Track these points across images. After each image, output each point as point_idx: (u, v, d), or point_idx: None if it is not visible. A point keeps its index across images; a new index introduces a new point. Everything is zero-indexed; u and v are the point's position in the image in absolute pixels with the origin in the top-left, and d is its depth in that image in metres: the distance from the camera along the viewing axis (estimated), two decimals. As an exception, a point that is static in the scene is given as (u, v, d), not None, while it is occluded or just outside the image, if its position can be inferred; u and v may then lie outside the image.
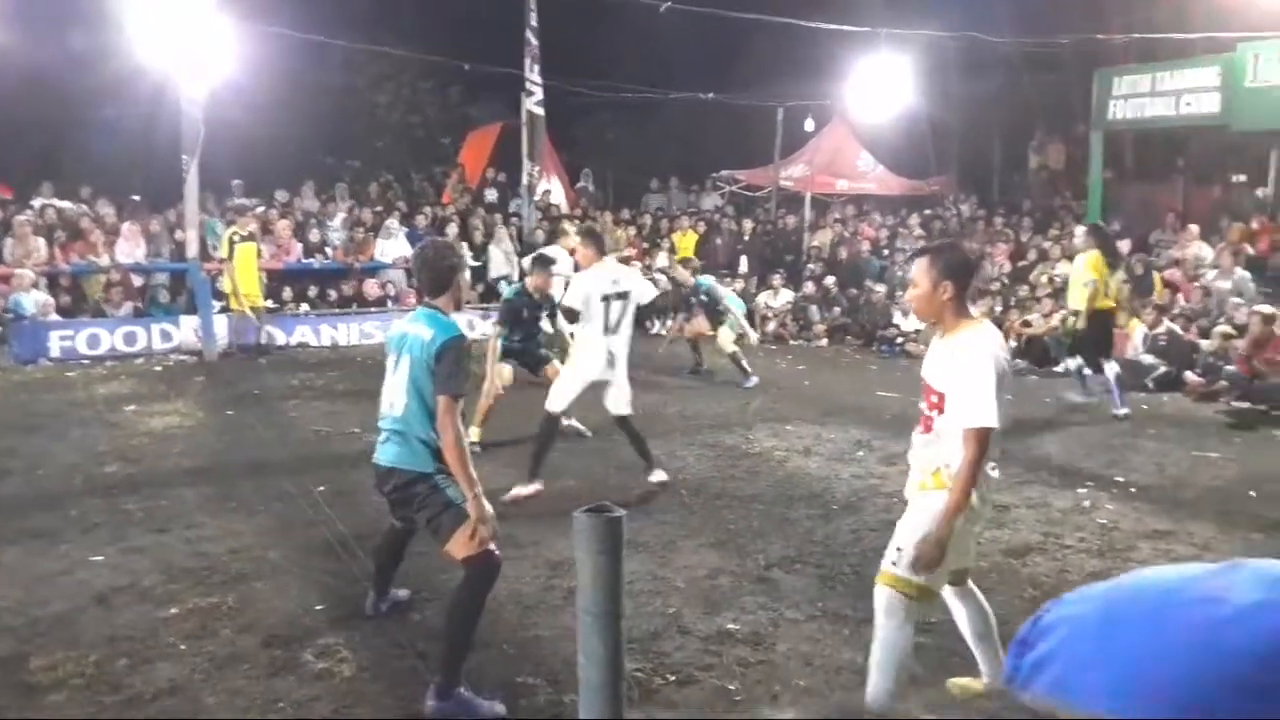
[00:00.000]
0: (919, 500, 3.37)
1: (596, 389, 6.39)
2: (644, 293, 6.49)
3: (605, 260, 6.40)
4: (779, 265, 15.90)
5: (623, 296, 6.23)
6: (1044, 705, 0.70)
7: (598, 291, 6.17)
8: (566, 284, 6.99)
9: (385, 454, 3.85)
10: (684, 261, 13.05)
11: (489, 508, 3.63)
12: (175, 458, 7.38)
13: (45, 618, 4.38)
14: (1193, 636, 0.68)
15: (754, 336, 12.07)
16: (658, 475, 6.47)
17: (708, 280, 11.79)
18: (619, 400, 6.35)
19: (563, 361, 7.38)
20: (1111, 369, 9.08)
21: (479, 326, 12.86)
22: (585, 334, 6.27)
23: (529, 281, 7.71)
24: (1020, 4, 16.64)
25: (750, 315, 15.10)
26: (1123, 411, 8.89)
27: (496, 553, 3.73)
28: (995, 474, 3.42)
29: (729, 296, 11.71)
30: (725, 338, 11.06)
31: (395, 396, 3.80)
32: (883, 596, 3.33)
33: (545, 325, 8.08)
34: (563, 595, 4.63)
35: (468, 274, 4.16)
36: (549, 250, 13.07)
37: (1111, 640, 0.72)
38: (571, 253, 8.42)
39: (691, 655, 4.06)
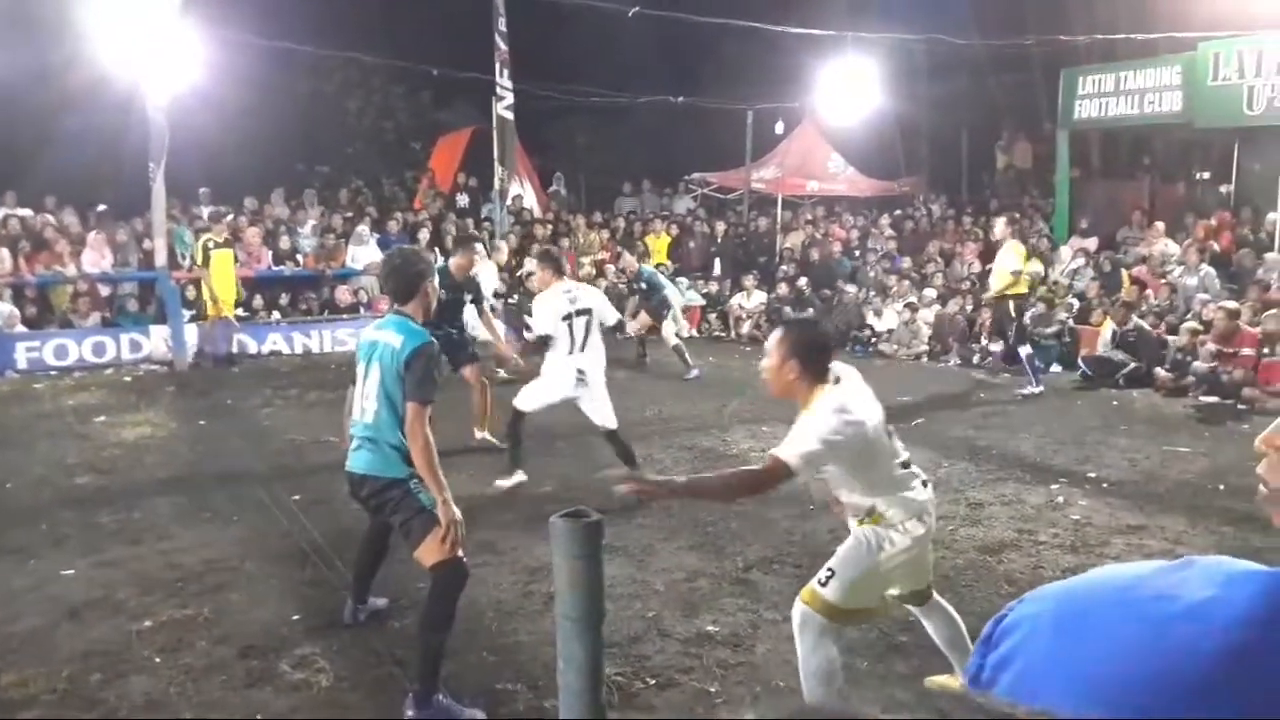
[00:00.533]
0: (854, 530, 3.39)
1: (575, 405, 6.39)
2: (606, 314, 6.47)
3: (562, 280, 6.39)
4: (752, 267, 15.96)
5: (584, 313, 6.23)
6: (1005, 706, 0.71)
7: (559, 311, 6.17)
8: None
9: (357, 461, 3.84)
10: (630, 249, 13.38)
11: (457, 512, 3.64)
12: (148, 469, 7.30)
13: (17, 633, 4.32)
14: (1145, 634, 0.70)
15: (684, 328, 12.64)
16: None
17: (649, 269, 12.14)
18: (602, 416, 6.33)
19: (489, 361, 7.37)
20: (1025, 349, 10.13)
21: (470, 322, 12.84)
22: (552, 355, 6.26)
23: (451, 262, 7.48)
24: (985, 6, 16.85)
25: (724, 316, 15.19)
26: (1037, 390, 9.92)
27: (464, 559, 3.74)
28: (927, 492, 3.41)
29: (668, 287, 12.03)
30: (669, 330, 11.43)
31: (366, 404, 3.79)
32: (798, 613, 3.33)
33: (470, 317, 7.87)
34: (542, 600, 4.62)
35: (436, 280, 4.16)
36: (530, 264, 13.21)
37: (1068, 639, 0.73)
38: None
39: (671, 658, 4.06)
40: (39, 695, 3.76)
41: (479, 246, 7.80)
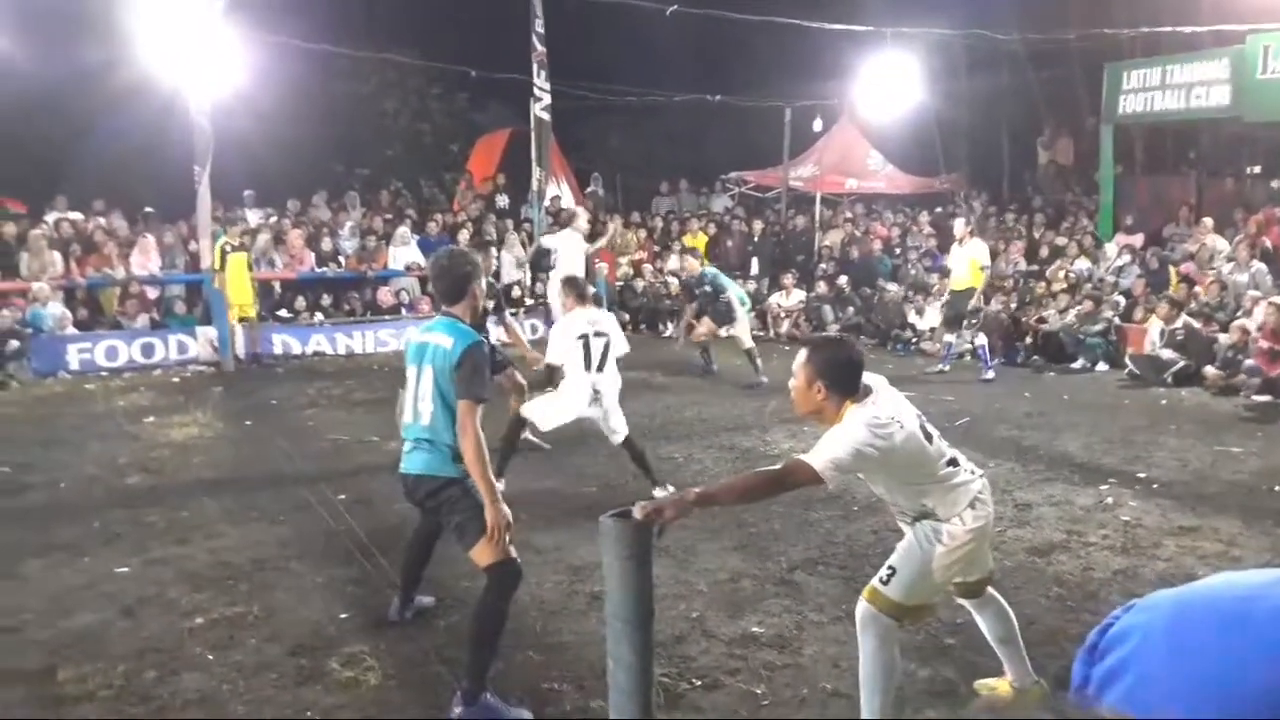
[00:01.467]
0: (910, 529, 3.37)
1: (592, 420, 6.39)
2: (621, 344, 6.46)
3: (586, 308, 6.44)
4: (790, 266, 15.88)
5: (602, 335, 6.27)
6: (1118, 716, 0.69)
7: (574, 332, 6.21)
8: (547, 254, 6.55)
9: (413, 463, 3.86)
10: (690, 251, 13.06)
11: (507, 512, 3.65)
12: (195, 468, 7.41)
13: (72, 630, 4.41)
14: (1264, 650, 0.67)
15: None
16: (661, 491, 6.28)
17: (712, 270, 11.77)
18: (614, 430, 6.35)
19: (519, 367, 7.32)
20: (981, 339, 11.06)
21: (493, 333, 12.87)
22: (570, 374, 6.27)
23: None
24: (1026, 0, 16.60)
25: (762, 315, 15.11)
26: (990, 376, 10.84)
27: (517, 559, 3.75)
28: (980, 482, 3.38)
29: (732, 288, 11.64)
30: (744, 331, 11.04)
31: (421, 405, 3.80)
32: (861, 611, 3.32)
33: (491, 328, 7.84)
34: (586, 600, 4.63)
35: (484, 281, 4.16)
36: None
37: (1185, 651, 0.70)
38: (588, 233, 7.94)
39: (717, 659, 4.05)
40: (96, 691, 3.83)
41: (493, 251, 7.78)
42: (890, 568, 3.32)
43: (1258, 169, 15.78)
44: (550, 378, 6.32)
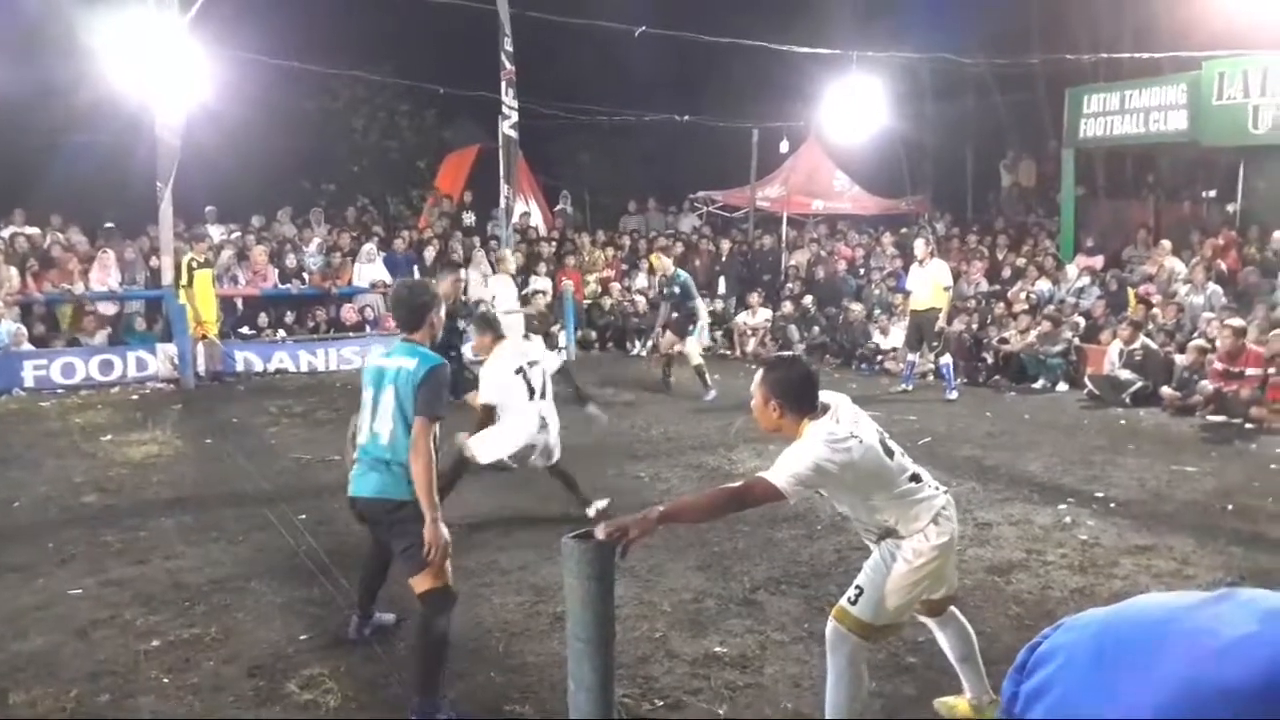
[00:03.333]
0: (876, 548, 3.41)
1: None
2: (550, 361, 6.51)
3: (503, 341, 6.38)
4: (757, 285, 15.98)
5: (535, 363, 6.27)
6: None
7: (509, 367, 6.16)
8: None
9: (366, 484, 3.88)
10: (664, 249, 13.21)
11: (446, 533, 3.70)
12: (154, 487, 7.30)
13: (24, 652, 4.32)
14: (1186, 670, 0.69)
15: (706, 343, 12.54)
16: (593, 509, 6.27)
17: (685, 273, 11.93)
18: (552, 454, 6.30)
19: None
20: (946, 359, 11.19)
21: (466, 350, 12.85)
22: (514, 406, 6.15)
23: (439, 288, 7.37)
24: (990, 25, 16.92)
25: (729, 334, 15.19)
26: (954, 396, 10.97)
27: (453, 589, 3.84)
28: (943, 497, 3.43)
29: (698, 299, 11.94)
30: (694, 349, 11.29)
31: (380, 425, 3.83)
32: (831, 632, 3.37)
33: (466, 350, 7.77)
34: (549, 621, 4.62)
35: (442, 310, 4.24)
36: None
37: (1107, 671, 0.72)
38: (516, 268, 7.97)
39: (679, 679, 4.05)
40: (47, 715, 3.75)
41: (463, 272, 7.75)
42: (858, 587, 3.35)
43: (1213, 193, 16.14)
44: (488, 418, 6.19)
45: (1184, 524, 6.18)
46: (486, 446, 6.18)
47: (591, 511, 6.25)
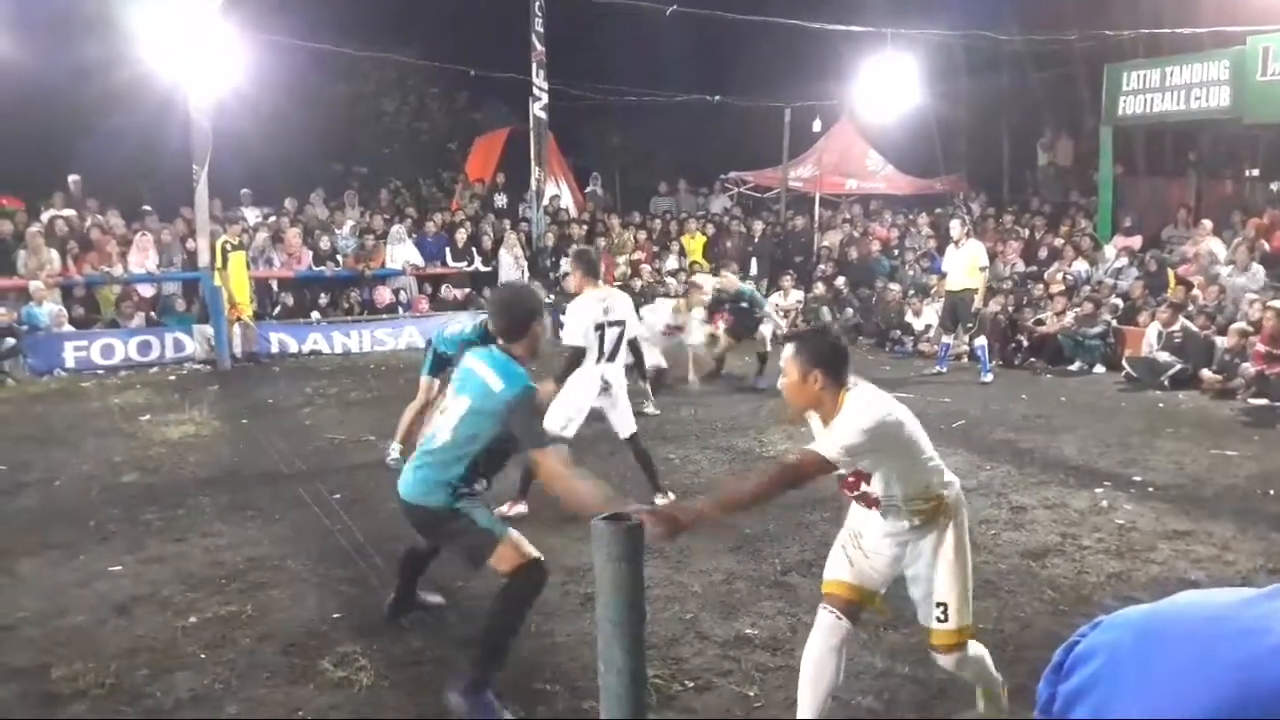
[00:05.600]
0: (933, 543, 3.23)
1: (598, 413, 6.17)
2: (633, 327, 6.23)
3: (599, 285, 6.09)
4: (789, 266, 15.87)
5: (617, 324, 6.01)
6: None
7: (590, 318, 5.91)
8: None
9: (407, 485, 3.73)
10: (714, 272, 13.04)
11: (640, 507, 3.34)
12: (192, 467, 7.40)
13: (65, 628, 4.40)
14: (1238, 670, 0.66)
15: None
16: (662, 499, 6.12)
17: (749, 287, 11.74)
18: (622, 423, 6.17)
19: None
20: (981, 341, 11.04)
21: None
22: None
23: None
24: (1025, 1, 16.61)
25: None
26: (989, 379, 10.80)
27: (541, 559, 3.62)
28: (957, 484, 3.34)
29: (764, 300, 11.83)
30: (768, 332, 10.97)
31: (443, 428, 3.68)
32: (953, 660, 3.28)
33: None
34: (579, 600, 4.64)
35: (548, 319, 3.92)
36: (567, 264, 13.01)
37: (1151, 673, 0.70)
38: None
39: (710, 661, 4.05)
40: (88, 690, 3.82)
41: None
42: (940, 603, 3.22)
43: (1256, 171, 15.79)
44: (574, 361, 5.90)
45: (1223, 509, 6.08)
46: (552, 419, 5.96)
47: (659, 500, 6.07)
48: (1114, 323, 11.84)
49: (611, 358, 6.02)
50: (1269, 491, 6.46)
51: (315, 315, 13.85)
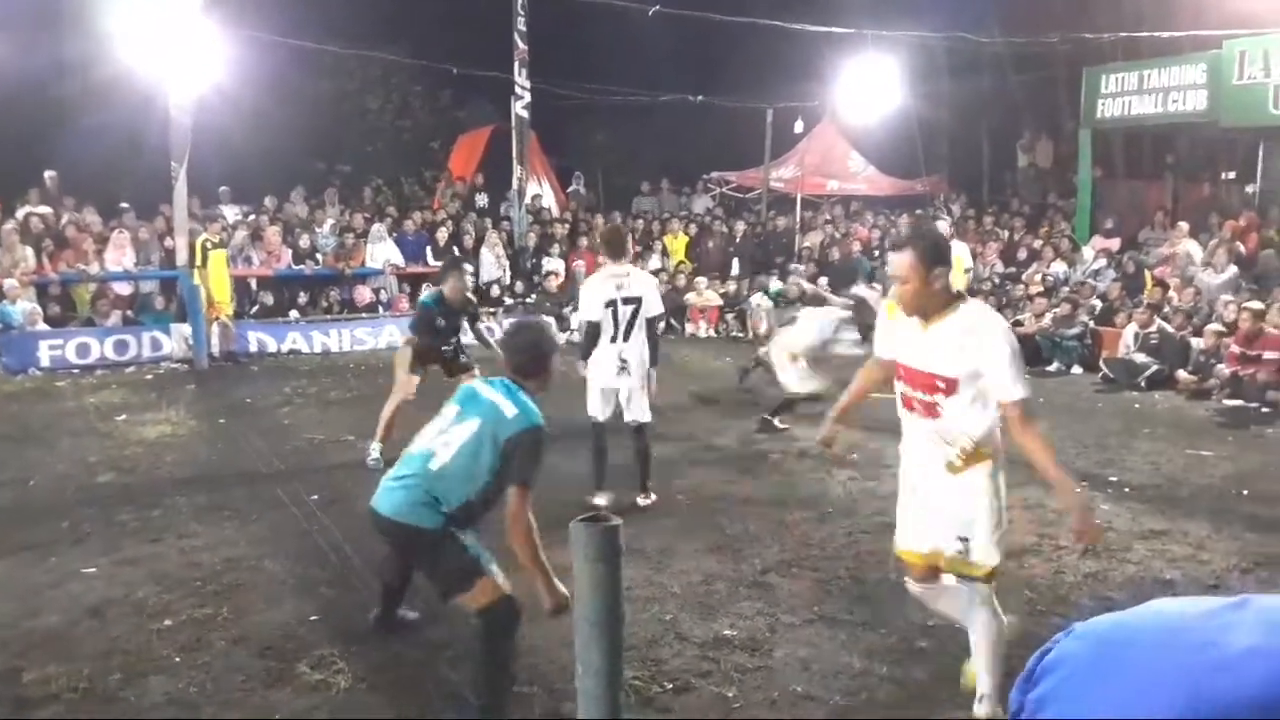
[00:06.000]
0: (959, 481, 3.29)
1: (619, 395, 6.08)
2: (653, 305, 5.98)
3: (620, 263, 6.01)
4: (771, 266, 15.89)
5: (631, 302, 5.86)
6: None
7: (602, 295, 5.86)
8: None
9: (390, 501, 3.57)
10: (649, 247, 12.71)
11: (565, 591, 3.42)
12: (168, 467, 7.34)
13: (38, 630, 4.35)
14: (1189, 683, 0.66)
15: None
16: (644, 500, 6.17)
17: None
18: (638, 409, 6.05)
19: (481, 371, 6.89)
20: None
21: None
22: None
23: (445, 289, 7.19)
24: (1006, 3, 16.72)
25: (741, 316, 15.11)
26: None
27: (512, 596, 3.53)
28: None
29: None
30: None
31: (443, 448, 3.54)
32: (969, 592, 3.37)
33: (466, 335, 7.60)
34: (559, 602, 4.62)
35: (557, 357, 3.91)
36: (549, 263, 12.89)
37: (1107, 683, 0.70)
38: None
39: (689, 662, 4.05)
40: (60, 693, 3.78)
41: (468, 266, 7.62)
42: (961, 538, 3.28)
43: (1233, 174, 15.94)
44: (592, 336, 5.88)
45: (1199, 509, 6.14)
46: (589, 403, 6.04)
47: (640, 500, 6.10)
48: (1091, 324, 11.93)
49: (626, 336, 5.91)
50: (1243, 491, 6.53)
51: (294, 314, 13.77)
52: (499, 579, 3.51)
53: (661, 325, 6.00)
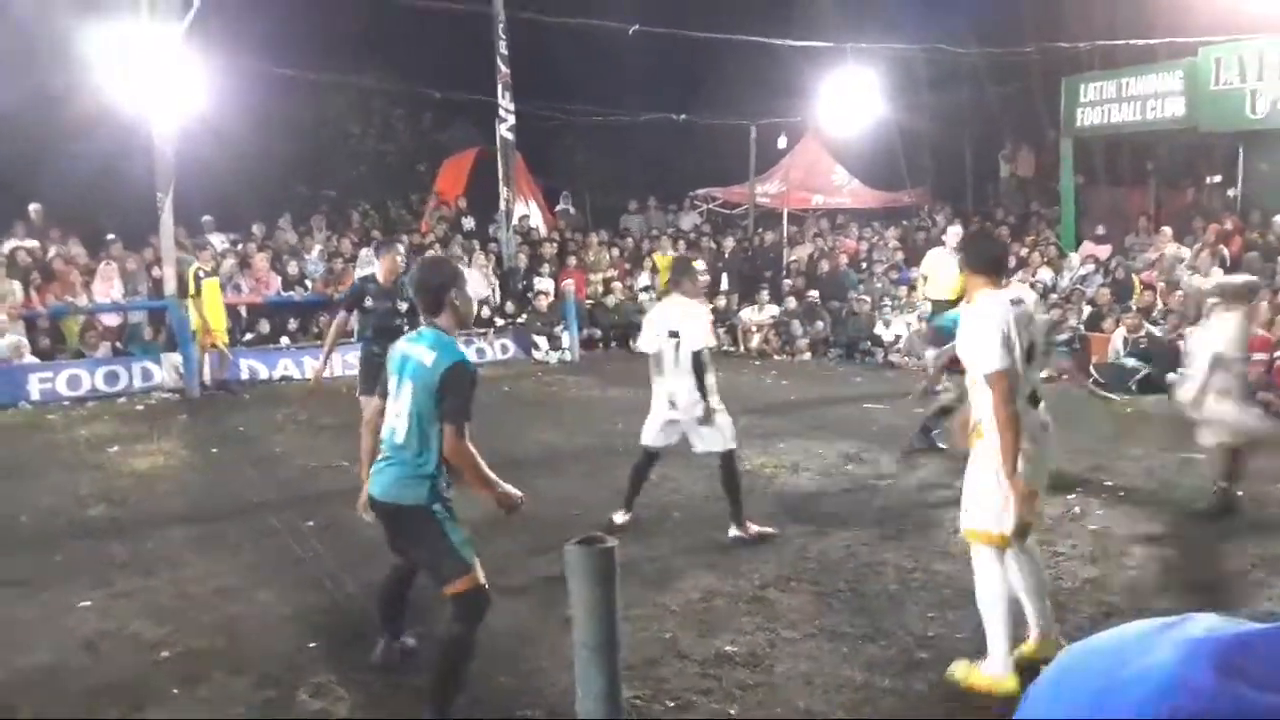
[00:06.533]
0: (971, 454, 4.00)
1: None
2: (693, 338, 5.72)
3: (680, 296, 5.92)
4: (759, 281, 15.95)
5: (674, 335, 5.74)
6: None
7: (653, 331, 5.88)
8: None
9: (379, 483, 3.71)
10: (638, 265, 12.78)
11: (516, 492, 3.71)
12: (160, 498, 7.29)
13: (31, 667, 4.31)
14: (1089, 704, 0.66)
15: None
16: (734, 532, 5.84)
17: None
18: (701, 440, 5.89)
19: None
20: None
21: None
22: (654, 377, 5.99)
23: (379, 267, 6.96)
24: (984, 15, 16.88)
25: (732, 330, 15.14)
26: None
27: (485, 586, 3.64)
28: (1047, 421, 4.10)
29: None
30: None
31: (397, 423, 3.67)
32: (974, 554, 3.97)
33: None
34: (558, 624, 4.59)
35: (468, 288, 3.99)
36: (540, 283, 12.79)
37: (1052, 709, 0.70)
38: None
39: (690, 680, 4.03)
40: (56, 731, 3.75)
41: (400, 248, 7.29)
42: (964, 508, 4.03)
43: (1218, 178, 16.07)
44: (653, 368, 5.91)
45: (1195, 511, 6.15)
46: (645, 429, 6.06)
47: (731, 533, 5.83)
48: (1081, 329, 11.98)
49: (665, 371, 5.83)
50: (1237, 493, 6.54)
51: (285, 340, 13.73)
52: (477, 569, 3.62)
53: (704, 357, 5.75)
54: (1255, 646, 0.63)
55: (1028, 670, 3.71)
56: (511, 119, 15.51)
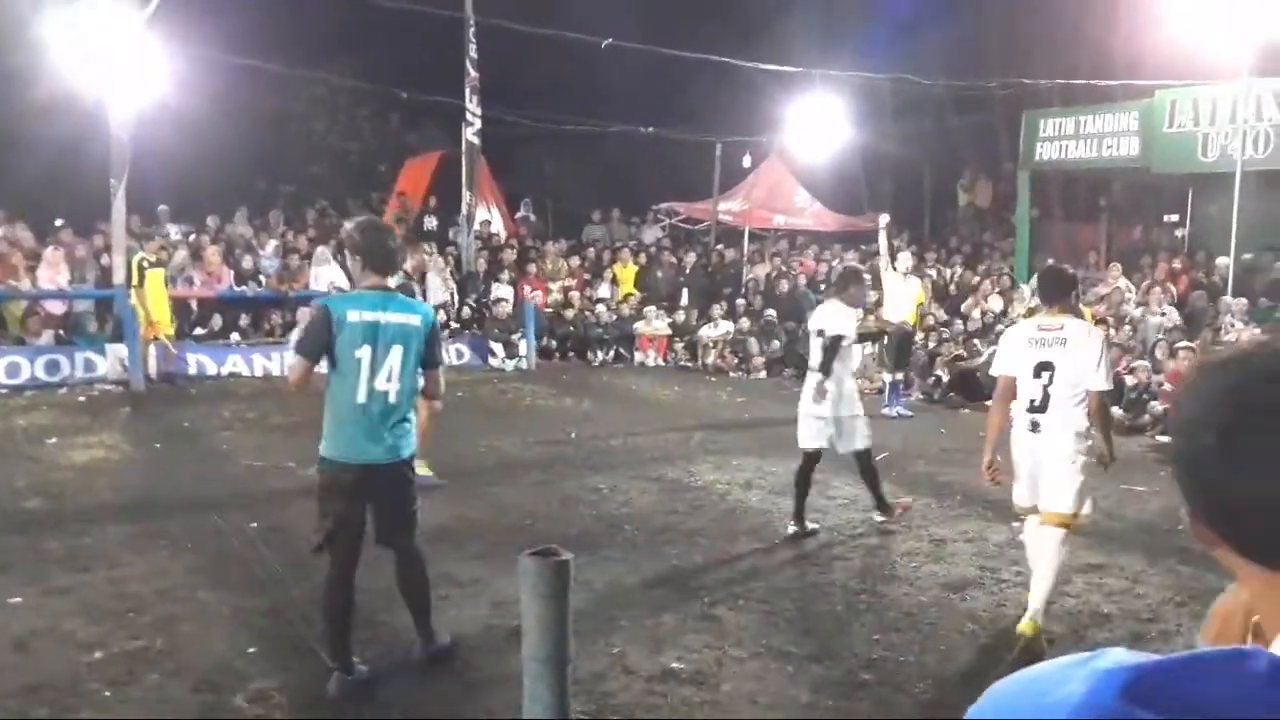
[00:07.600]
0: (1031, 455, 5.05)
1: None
2: (832, 325, 6.21)
3: (831, 301, 6.47)
4: (718, 298, 16.03)
5: (818, 334, 6.25)
6: None
7: (812, 328, 6.40)
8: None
9: (379, 449, 3.89)
10: (599, 276, 12.95)
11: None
12: (99, 493, 7.12)
13: (-42, 665, 4.17)
14: None
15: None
16: (878, 517, 6.51)
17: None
18: (839, 439, 6.27)
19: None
20: (899, 377, 11.31)
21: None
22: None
23: (410, 262, 7.40)
24: (949, 47, 17.21)
25: (691, 346, 15.20)
26: (900, 413, 10.94)
27: None
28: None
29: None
30: None
31: (389, 386, 3.86)
32: (1048, 535, 4.71)
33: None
34: (505, 635, 4.55)
35: (387, 240, 4.14)
36: (498, 290, 12.81)
37: None
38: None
39: (636, 696, 4.01)
40: (-19, 730, 3.63)
41: (426, 247, 7.62)
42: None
43: (1175, 217, 16.49)
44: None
45: (1134, 543, 6.28)
46: (799, 433, 6.39)
47: (877, 517, 6.49)
48: (1030, 360, 12.17)
49: (823, 368, 6.17)
50: (1177, 526, 6.68)
51: (235, 336, 13.50)
52: None
53: (844, 343, 6.24)
54: (1159, 676, 0.70)
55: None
56: (478, 123, 15.46)
